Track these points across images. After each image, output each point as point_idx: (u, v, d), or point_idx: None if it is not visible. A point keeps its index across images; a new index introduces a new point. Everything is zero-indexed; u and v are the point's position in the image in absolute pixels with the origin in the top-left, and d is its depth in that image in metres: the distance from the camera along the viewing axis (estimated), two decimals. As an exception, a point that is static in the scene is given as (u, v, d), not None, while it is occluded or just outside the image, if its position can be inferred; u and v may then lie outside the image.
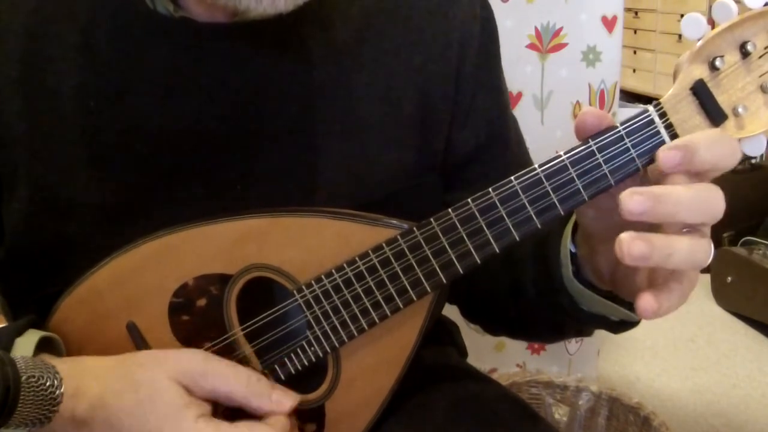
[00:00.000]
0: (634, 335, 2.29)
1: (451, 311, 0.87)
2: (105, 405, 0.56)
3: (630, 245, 0.49)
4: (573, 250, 0.63)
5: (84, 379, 0.57)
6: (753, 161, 2.72)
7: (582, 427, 1.40)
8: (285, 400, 0.61)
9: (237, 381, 0.60)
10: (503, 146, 0.79)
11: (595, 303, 0.63)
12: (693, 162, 0.50)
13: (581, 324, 0.68)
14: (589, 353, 1.75)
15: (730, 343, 2.27)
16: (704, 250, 0.52)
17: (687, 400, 1.99)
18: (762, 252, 2.37)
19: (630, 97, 3.32)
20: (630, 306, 0.61)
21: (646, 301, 0.52)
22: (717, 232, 2.56)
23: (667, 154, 0.51)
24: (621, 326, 0.65)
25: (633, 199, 0.49)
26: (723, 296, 2.46)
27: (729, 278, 2.40)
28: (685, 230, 0.52)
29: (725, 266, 2.43)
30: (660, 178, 0.52)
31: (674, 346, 2.26)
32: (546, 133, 1.56)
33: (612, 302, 0.62)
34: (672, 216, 0.50)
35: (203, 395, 0.59)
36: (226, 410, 0.61)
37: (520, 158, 0.81)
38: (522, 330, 0.80)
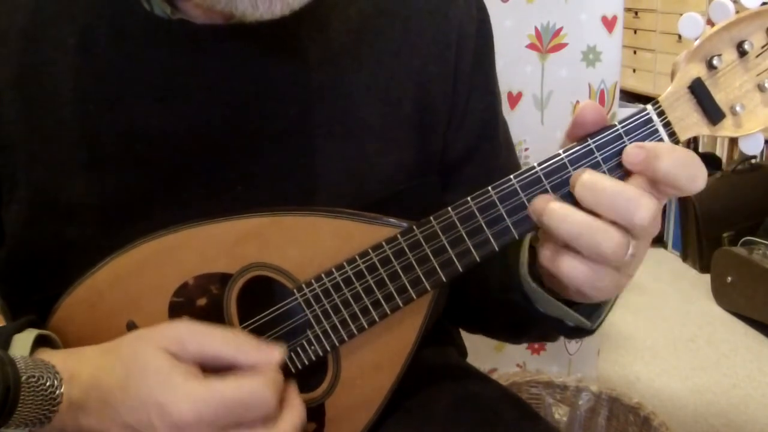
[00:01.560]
0: (634, 335, 2.29)
1: (451, 311, 0.87)
2: (98, 384, 0.56)
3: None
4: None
5: (76, 364, 0.57)
6: (753, 161, 2.72)
7: (582, 427, 1.40)
8: (274, 351, 0.61)
9: (223, 340, 0.59)
10: (492, 149, 0.79)
11: (549, 305, 0.63)
12: (654, 166, 0.53)
13: (539, 325, 0.68)
14: (589, 353, 1.75)
15: (730, 343, 2.27)
16: (617, 243, 0.53)
17: (687, 400, 1.99)
18: (762, 252, 2.37)
19: (630, 97, 3.32)
20: (582, 311, 0.63)
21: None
22: (717, 232, 2.56)
23: (632, 150, 0.54)
24: (575, 332, 0.66)
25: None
26: (723, 296, 2.46)
27: (729, 278, 2.40)
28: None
29: (725, 266, 2.43)
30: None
31: (674, 346, 2.26)
32: (546, 133, 1.56)
33: (568, 307, 0.62)
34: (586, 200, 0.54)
35: (191, 359, 0.58)
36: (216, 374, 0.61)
37: (509, 162, 0.81)
38: (487, 327, 0.82)
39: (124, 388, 0.56)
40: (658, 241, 2.91)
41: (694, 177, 0.52)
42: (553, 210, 0.54)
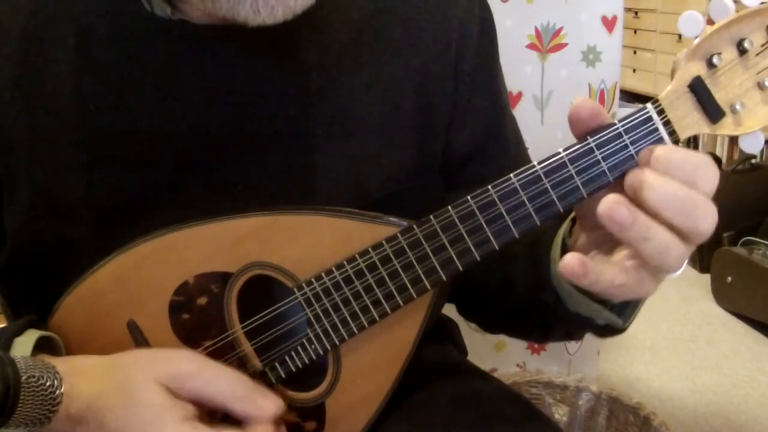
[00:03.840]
0: (634, 335, 2.29)
1: (451, 310, 0.87)
2: (96, 405, 0.57)
3: (614, 207, 0.51)
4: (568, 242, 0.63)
5: (78, 378, 0.57)
6: (753, 161, 2.72)
7: (582, 427, 1.40)
8: (268, 405, 0.61)
9: (221, 385, 0.60)
10: (501, 147, 0.79)
11: (580, 303, 0.62)
12: (669, 167, 0.51)
13: (567, 324, 0.68)
14: (589, 353, 1.75)
15: (730, 343, 2.27)
16: (678, 254, 0.52)
17: (687, 400, 1.99)
18: (762, 252, 2.37)
19: (630, 97, 3.32)
20: (613, 309, 0.62)
21: (572, 258, 0.53)
22: (717, 232, 2.55)
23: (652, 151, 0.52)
24: (606, 331, 0.65)
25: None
26: (723, 296, 2.46)
27: (729, 278, 2.40)
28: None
29: (725, 266, 2.43)
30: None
31: (674, 346, 2.26)
32: (546, 133, 1.56)
33: (600, 306, 0.62)
34: (650, 202, 0.51)
35: (188, 397, 0.59)
36: (213, 412, 0.61)
37: (519, 158, 0.81)
38: (511, 327, 0.80)
39: (118, 416, 0.56)
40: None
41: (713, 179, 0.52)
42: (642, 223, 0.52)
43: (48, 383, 0.54)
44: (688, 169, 0.51)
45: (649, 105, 0.55)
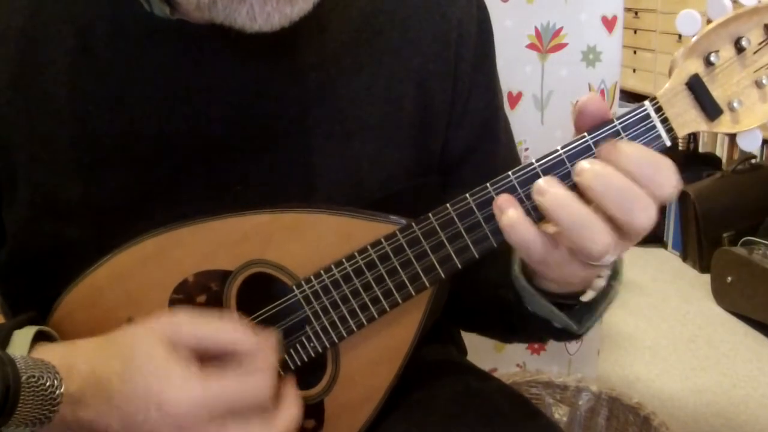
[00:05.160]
0: (634, 335, 2.29)
1: (450, 310, 0.87)
2: (96, 377, 0.56)
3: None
4: None
5: (73, 357, 0.57)
6: (753, 161, 2.72)
7: (582, 427, 1.40)
8: (269, 336, 0.61)
9: (219, 328, 0.60)
10: (494, 147, 0.79)
11: (538, 304, 0.63)
12: (618, 160, 0.53)
13: (527, 324, 0.68)
14: (589, 353, 1.75)
15: (730, 343, 2.27)
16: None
17: (687, 400, 1.99)
18: (762, 252, 2.37)
19: (630, 97, 3.32)
20: (575, 316, 0.63)
21: (505, 199, 0.56)
22: (717, 232, 2.56)
23: (602, 146, 0.54)
24: (563, 334, 0.66)
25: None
26: (723, 296, 2.46)
27: (729, 278, 2.40)
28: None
29: (725, 266, 2.43)
30: None
31: (674, 346, 2.26)
32: (546, 133, 1.57)
33: (556, 308, 0.63)
34: (591, 188, 0.53)
35: (188, 348, 0.58)
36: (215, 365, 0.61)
37: (510, 160, 0.81)
38: (478, 325, 0.82)
39: (121, 378, 0.56)
40: (658, 241, 2.91)
41: (661, 178, 0.52)
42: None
43: (48, 383, 0.54)
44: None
45: (646, 102, 0.55)
